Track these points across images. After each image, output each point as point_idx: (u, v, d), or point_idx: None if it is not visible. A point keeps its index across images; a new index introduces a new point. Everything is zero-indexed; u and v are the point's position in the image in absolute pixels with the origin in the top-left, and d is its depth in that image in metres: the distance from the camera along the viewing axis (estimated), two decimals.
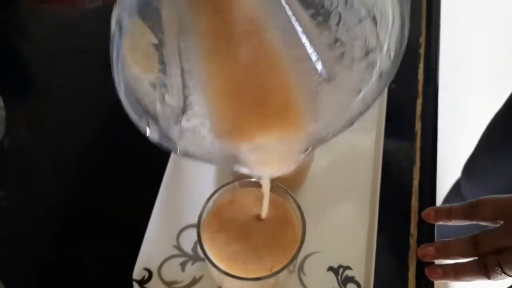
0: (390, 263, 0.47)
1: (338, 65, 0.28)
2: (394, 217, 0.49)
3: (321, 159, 0.51)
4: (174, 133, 0.29)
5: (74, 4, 0.70)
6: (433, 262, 0.46)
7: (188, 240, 0.47)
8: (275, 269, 0.37)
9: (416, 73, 0.58)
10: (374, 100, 0.29)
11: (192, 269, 0.46)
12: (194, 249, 0.47)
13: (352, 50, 0.27)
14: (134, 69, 0.27)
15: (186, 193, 0.49)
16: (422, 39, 0.61)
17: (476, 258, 0.43)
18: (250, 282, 0.39)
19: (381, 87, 0.29)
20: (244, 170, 0.32)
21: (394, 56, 0.28)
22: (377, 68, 0.28)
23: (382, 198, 0.48)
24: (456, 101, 1.56)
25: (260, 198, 0.40)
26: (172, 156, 0.51)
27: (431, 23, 0.61)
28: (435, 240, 0.48)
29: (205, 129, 0.30)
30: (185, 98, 0.28)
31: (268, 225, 0.40)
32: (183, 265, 0.46)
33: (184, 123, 0.29)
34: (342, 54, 0.27)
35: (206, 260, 0.37)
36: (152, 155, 0.52)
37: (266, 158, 0.32)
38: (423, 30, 0.62)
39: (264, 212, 0.39)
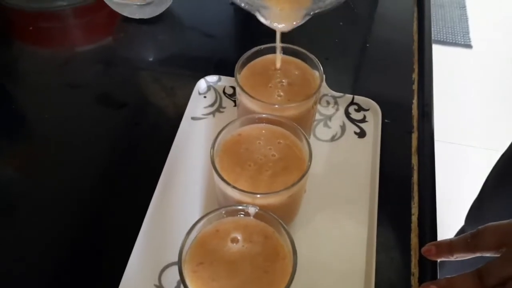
0: None
1: None
2: (393, 255, 0.46)
3: (315, 191, 0.49)
4: None
5: (65, 46, 0.70)
6: None
7: (171, 279, 0.43)
8: None
9: (410, 109, 0.57)
10: None
11: None
12: None
13: None
14: None
15: (170, 228, 0.46)
16: (415, 75, 0.60)
17: None
18: None
19: None
20: (262, 20, 0.45)
21: None
22: None
23: (380, 235, 0.45)
24: (452, 136, 1.57)
25: (247, 227, 0.38)
26: (158, 188, 0.48)
27: (423, 58, 0.61)
28: (438, 278, 0.44)
29: None
30: None
31: (257, 257, 0.36)
32: None
33: None
34: None
35: None
36: (137, 187, 0.50)
37: (282, 14, 0.44)
38: (415, 66, 0.61)
39: (278, 64, 0.49)
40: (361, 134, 0.54)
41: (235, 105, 0.56)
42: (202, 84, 0.58)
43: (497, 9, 2.12)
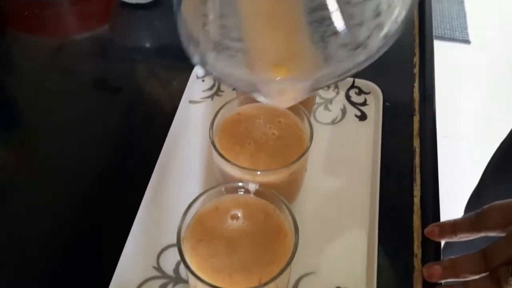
0: (393, 284, 0.42)
1: (351, 21, 0.32)
2: (395, 236, 0.45)
3: (316, 172, 0.48)
4: (210, 57, 0.34)
5: (59, 34, 0.68)
6: (441, 284, 0.41)
7: (170, 260, 0.42)
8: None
9: (412, 92, 0.56)
10: (374, 56, 0.33)
11: None
12: (176, 270, 0.42)
13: (364, 11, 0.32)
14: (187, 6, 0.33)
15: (168, 210, 0.45)
16: (416, 59, 0.60)
17: (487, 274, 0.39)
18: None
19: (384, 45, 0.33)
20: (259, 98, 0.37)
21: (402, 21, 0.32)
22: (385, 30, 0.32)
23: (382, 217, 0.45)
24: (449, 131, 1.57)
25: (247, 204, 0.37)
26: (155, 170, 0.47)
27: (425, 41, 0.60)
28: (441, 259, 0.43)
29: (235, 58, 0.35)
30: (221, 26, 0.34)
31: (258, 234, 0.35)
32: (163, 287, 0.41)
33: (219, 50, 0.34)
34: (354, 12, 0.32)
35: (187, 271, 0.33)
36: (134, 170, 0.49)
37: (282, 90, 0.36)
38: (417, 50, 0.61)
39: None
40: (362, 117, 0.53)
41: (234, 89, 0.56)
42: (200, 68, 0.57)
43: (495, 5, 2.12)
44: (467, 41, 1.99)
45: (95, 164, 0.50)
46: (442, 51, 1.91)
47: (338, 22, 0.32)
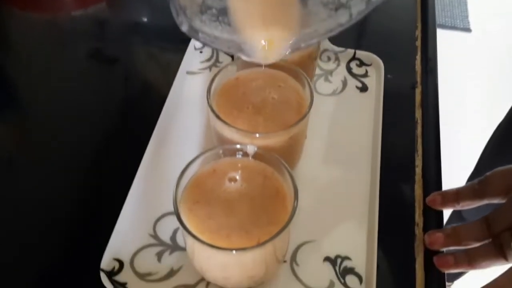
0: (394, 253, 0.41)
1: None
2: (396, 205, 0.44)
3: (316, 141, 0.47)
4: (196, 22, 0.35)
5: (58, 11, 0.67)
6: (443, 252, 0.41)
7: (167, 228, 0.42)
8: None
9: (414, 64, 0.55)
10: (355, 18, 0.34)
11: (170, 260, 0.40)
12: (173, 238, 0.41)
13: None
14: None
15: (165, 178, 0.44)
16: (418, 32, 0.59)
17: (490, 240, 0.38)
18: (235, 264, 0.34)
19: (365, 10, 0.33)
20: (243, 57, 0.37)
21: None
22: None
23: (383, 187, 0.44)
24: (449, 120, 1.56)
25: (246, 167, 0.36)
26: (152, 138, 0.46)
27: (427, 13, 0.59)
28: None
29: (219, 18, 0.36)
30: None
31: (256, 196, 0.35)
32: (159, 255, 0.40)
33: (203, 11, 0.35)
34: None
35: (185, 234, 0.32)
36: (131, 138, 0.48)
37: (265, 47, 0.37)
38: (419, 23, 0.60)
39: None
40: (363, 88, 0.52)
41: (233, 60, 0.54)
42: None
43: None
44: (468, 30, 1.98)
45: (92, 133, 0.50)
46: (442, 39, 1.90)
47: None
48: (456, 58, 1.82)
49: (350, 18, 0.34)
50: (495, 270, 0.38)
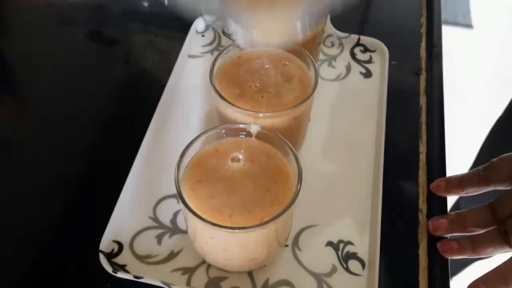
0: (398, 239, 0.41)
1: None
2: (400, 191, 0.44)
3: (320, 124, 0.46)
4: None
5: None
6: (447, 238, 0.40)
7: (167, 211, 0.41)
8: None
9: (418, 51, 0.55)
10: None
11: (170, 242, 0.39)
12: (173, 220, 0.40)
13: None
14: None
15: (165, 161, 0.44)
16: (423, 19, 0.58)
17: (495, 227, 0.38)
18: (237, 245, 0.33)
19: None
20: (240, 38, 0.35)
21: None
22: None
23: (387, 172, 0.43)
24: (451, 116, 1.56)
25: (249, 147, 0.35)
26: (155, 117, 0.46)
27: (432, 1, 0.58)
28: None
29: None
30: None
31: (259, 176, 0.34)
32: (159, 237, 0.39)
33: None
34: None
35: (186, 212, 0.32)
36: (131, 120, 0.48)
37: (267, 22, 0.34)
38: (424, 10, 0.59)
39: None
40: (367, 74, 0.52)
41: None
42: (199, 22, 0.55)
43: None
44: (469, 26, 1.97)
45: (93, 114, 0.49)
46: (444, 35, 1.89)
47: None
48: (458, 54, 1.82)
49: None
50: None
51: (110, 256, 0.38)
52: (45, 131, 0.48)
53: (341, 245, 0.40)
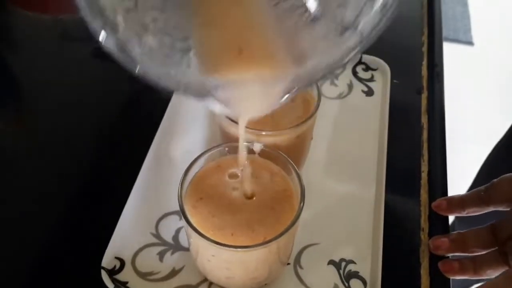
0: (399, 258, 0.41)
1: (331, 3, 0.26)
2: (402, 210, 0.44)
3: (322, 143, 0.47)
4: (135, 49, 0.25)
5: (60, 12, 0.67)
6: (448, 257, 0.40)
7: (170, 228, 0.41)
8: None
9: (420, 70, 0.55)
10: (369, 38, 0.25)
11: (172, 259, 0.39)
12: (175, 238, 0.41)
13: None
14: None
15: (168, 177, 0.44)
16: (424, 37, 0.59)
17: (496, 248, 0.38)
18: (238, 264, 0.33)
19: (380, 22, 0.25)
20: (216, 108, 0.28)
21: None
22: (379, 1, 0.25)
23: (389, 191, 0.43)
24: (451, 133, 1.56)
25: (251, 164, 0.35)
26: (158, 133, 0.46)
27: (434, 19, 0.59)
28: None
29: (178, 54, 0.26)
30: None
31: (263, 194, 0.34)
32: (161, 254, 0.39)
33: (151, 41, 0.26)
34: None
35: (189, 230, 0.32)
36: (135, 133, 0.48)
37: (241, 95, 0.28)
38: (425, 30, 0.59)
39: (241, 163, 0.33)
40: (369, 92, 0.52)
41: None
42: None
43: (498, 7, 2.11)
44: (470, 43, 1.98)
45: (96, 130, 0.49)
46: (445, 52, 1.90)
47: (314, 7, 0.26)
48: (458, 71, 1.83)
49: (361, 38, 0.25)
50: None
51: (112, 272, 0.38)
52: (49, 146, 0.48)
53: (343, 263, 0.40)
